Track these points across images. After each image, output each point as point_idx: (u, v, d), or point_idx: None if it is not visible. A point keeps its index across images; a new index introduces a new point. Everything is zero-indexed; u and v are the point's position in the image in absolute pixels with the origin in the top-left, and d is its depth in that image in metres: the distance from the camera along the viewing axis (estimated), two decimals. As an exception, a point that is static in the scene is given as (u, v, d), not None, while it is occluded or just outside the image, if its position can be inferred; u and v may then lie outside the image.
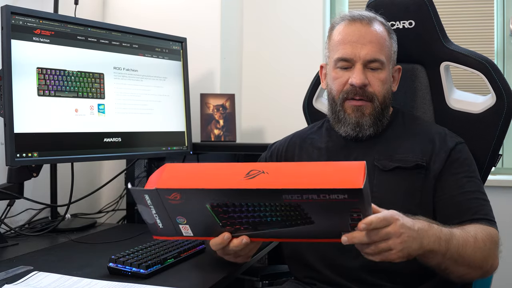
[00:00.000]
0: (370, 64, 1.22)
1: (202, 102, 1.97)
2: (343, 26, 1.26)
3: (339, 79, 1.25)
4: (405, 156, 1.21)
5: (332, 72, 1.27)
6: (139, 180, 1.93)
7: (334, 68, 1.26)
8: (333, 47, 1.27)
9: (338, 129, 1.28)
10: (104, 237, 1.56)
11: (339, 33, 1.26)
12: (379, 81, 1.23)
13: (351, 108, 1.24)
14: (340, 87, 1.25)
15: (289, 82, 2.25)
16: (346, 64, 1.24)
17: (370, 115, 1.24)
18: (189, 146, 1.83)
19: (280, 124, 2.22)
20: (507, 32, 2.11)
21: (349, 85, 1.23)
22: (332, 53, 1.28)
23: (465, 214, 1.14)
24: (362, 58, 1.22)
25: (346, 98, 1.24)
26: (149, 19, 2.04)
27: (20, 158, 1.37)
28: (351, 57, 1.22)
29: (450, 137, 1.25)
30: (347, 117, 1.25)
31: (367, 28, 1.23)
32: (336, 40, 1.26)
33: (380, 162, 1.22)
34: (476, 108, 1.36)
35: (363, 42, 1.22)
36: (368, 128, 1.24)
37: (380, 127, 1.26)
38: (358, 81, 1.21)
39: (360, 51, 1.22)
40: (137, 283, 1.09)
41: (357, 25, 1.24)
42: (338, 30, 1.27)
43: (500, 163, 2.16)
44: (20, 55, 1.38)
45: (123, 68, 1.64)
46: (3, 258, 1.30)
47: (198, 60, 2.01)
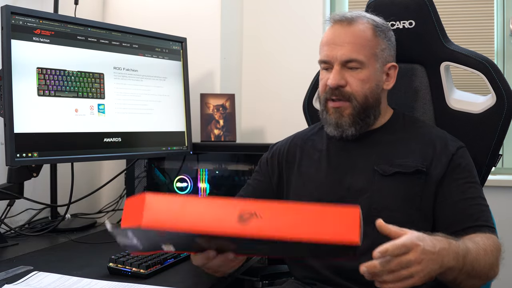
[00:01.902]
0: (348, 64, 1.22)
1: (202, 102, 1.97)
2: (327, 29, 1.28)
3: (323, 81, 1.27)
4: (405, 161, 1.21)
5: (320, 74, 1.30)
6: (139, 180, 1.93)
7: (321, 70, 1.29)
8: (319, 49, 1.30)
9: (326, 129, 1.29)
10: (104, 237, 1.56)
11: (324, 35, 1.29)
12: (358, 81, 1.22)
13: (331, 109, 1.25)
14: (323, 88, 1.27)
15: (289, 82, 2.25)
16: (326, 66, 1.25)
17: (349, 115, 1.23)
18: (189, 146, 1.83)
19: (280, 124, 2.22)
20: (507, 32, 2.11)
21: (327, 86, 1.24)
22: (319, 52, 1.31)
23: (467, 221, 1.14)
24: (339, 59, 1.22)
25: (327, 99, 1.26)
26: (149, 19, 2.04)
27: (20, 158, 1.37)
28: (329, 59, 1.24)
29: (451, 141, 1.24)
30: (328, 117, 1.26)
31: (346, 29, 1.24)
32: (321, 43, 1.29)
33: (380, 166, 1.21)
34: (476, 108, 1.36)
35: (340, 43, 1.23)
36: (349, 128, 1.24)
37: (365, 126, 1.26)
38: (332, 81, 1.22)
39: (337, 52, 1.22)
40: (137, 283, 1.09)
41: (336, 27, 1.25)
42: (325, 32, 1.30)
43: (500, 163, 2.15)
44: (20, 55, 1.38)
45: (123, 68, 1.64)
46: (3, 258, 1.30)
47: (198, 60, 2.01)
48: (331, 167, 1.27)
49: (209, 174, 1.86)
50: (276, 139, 1.46)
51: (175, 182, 1.88)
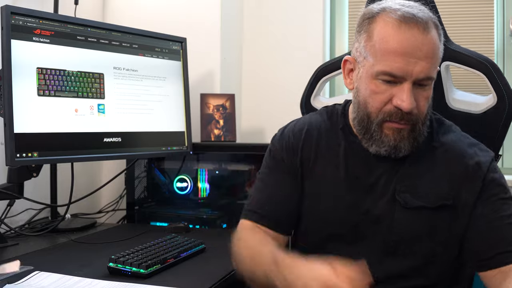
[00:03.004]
0: (421, 81, 1.03)
1: (202, 102, 1.97)
2: (393, 27, 1.02)
3: (379, 95, 1.04)
4: (431, 190, 1.07)
5: (370, 83, 1.05)
6: (139, 181, 1.93)
7: (373, 79, 1.04)
8: (377, 52, 1.03)
9: (366, 146, 1.10)
10: (104, 237, 1.56)
11: (387, 36, 1.02)
12: (425, 100, 1.06)
13: (391, 130, 1.06)
14: (381, 105, 1.05)
15: (290, 82, 2.25)
16: (391, 79, 1.02)
17: (409, 137, 1.06)
18: (189, 146, 1.83)
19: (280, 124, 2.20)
20: (507, 32, 2.11)
21: (393, 106, 1.03)
22: (373, 59, 1.04)
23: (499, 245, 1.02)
24: (415, 76, 1.01)
25: (386, 120, 1.05)
26: (149, 19, 2.04)
27: (20, 158, 1.37)
28: (402, 74, 1.01)
29: (483, 157, 1.10)
30: (384, 138, 1.06)
31: (423, 36, 1.01)
32: (383, 47, 1.02)
33: (401, 196, 1.07)
34: (477, 109, 1.35)
35: (419, 56, 1.00)
36: (406, 151, 1.07)
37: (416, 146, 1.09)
38: (408, 106, 1.01)
39: (414, 67, 1.00)
40: (137, 283, 1.09)
41: (413, 31, 1.01)
42: (385, 30, 1.03)
43: (500, 163, 2.16)
44: (20, 55, 1.38)
45: (123, 68, 1.64)
46: (3, 258, 1.30)
47: (198, 60, 2.01)
48: (349, 182, 1.11)
49: (209, 174, 1.86)
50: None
51: (175, 182, 1.88)
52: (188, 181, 1.86)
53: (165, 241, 1.37)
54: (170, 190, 1.89)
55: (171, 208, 1.88)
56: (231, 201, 1.82)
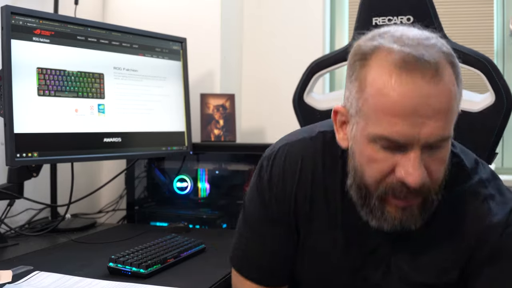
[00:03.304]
0: (432, 144, 0.78)
1: (202, 102, 1.97)
2: (390, 76, 0.76)
3: (378, 164, 0.80)
4: (432, 265, 0.89)
5: (365, 148, 0.81)
6: (139, 181, 1.93)
7: (370, 143, 0.80)
8: (370, 110, 0.79)
9: (365, 218, 0.87)
10: (104, 237, 1.56)
11: (383, 90, 0.76)
12: (439, 164, 0.82)
13: (395, 207, 0.83)
14: (381, 176, 0.81)
15: (290, 82, 2.24)
16: (393, 146, 0.78)
17: (421, 213, 0.84)
18: (189, 146, 1.83)
19: (280, 124, 2.21)
20: (507, 32, 2.11)
21: (397, 179, 0.80)
22: (367, 119, 0.80)
23: None
24: (424, 140, 0.76)
25: (388, 194, 0.82)
26: (149, 19, 2.04)
27: (20, 158, 1.37)
28: (404, 141, 0.77)
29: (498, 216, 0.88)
30: (388, 216, 0.84)
31: (434, 84, 0.75)
32: (378, 104, 0.77)
33: (399, 269, 0.90)
34: (475, 107, 1.35)
35: (427, 114, 0.75)
36: (415, 226, 0.85)
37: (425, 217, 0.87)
38: (416, 180, 0.77)
39: (421, 129, 0.75)
40: (137, 283, 1.09)
41: (417, 80, 0.75)
42: (379, 80, 0.77)
43: (500, 163, 2.16)
44: (20, 55, 1.38)
45: (123, 68, 1.64)
46: (3, 258, 1.30)
47: (198, 60, 2.01)
48: (348, 245, 0.94)
49: (209, 174, 1.86)
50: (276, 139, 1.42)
51: (175, 182, 1.88)
52: (188, 181, 1.86)
53: (165, 241, 1.37)
54: (170, 190, 1.89)
55: (171, 208, 1.88)
56: (231, 201, 1.82)
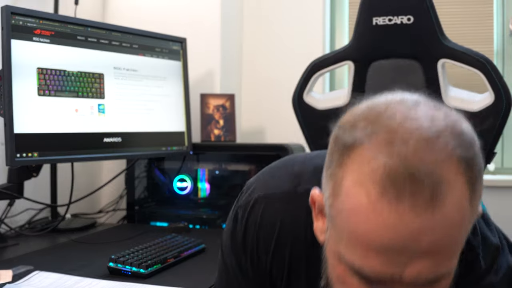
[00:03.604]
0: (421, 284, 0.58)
1: (202, 102, 1.97)
2: (370, 198, 0.55)
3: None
4: None
5: (336, 266, 0.63)
6: (139, 181, 1.93)
7: (340, 261, 0.62)
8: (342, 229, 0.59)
9: None
10: (104, 237, 1.56)
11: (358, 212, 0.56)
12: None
13: None
14: None
15: (290, 82, 2.24)
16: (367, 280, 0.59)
17: None
18: (189, 146, 1.83)
19: (280, 124, 2.22)
20: (507, 32, 2.11)
21: None
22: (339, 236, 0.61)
23: None
24: (408, 281, 0.57)
25: None
26: (149, 19, 2.04)
27: (20, 158, 1.37)
28: (384, 280, 0.57)
29: None
30: None
31: (429, 216, 0.54)
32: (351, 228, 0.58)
33: None
34: (474, 106, 1.35)
35: (415, 253, 0.55)
36: None
37: None
38: None
39: (404, 269, 0.56)
40: (137, 283, 1.09)
41: (404, 211, 0.53)
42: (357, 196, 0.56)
43: (500, 163, 2.17)
44: (20, 55, 1.38)
45: (123, 68, 1.64)
46: (3, 258, 1.30)
47: (198, 60, 2.01)
48: None
49: (209, 174, 1.86)
50: (276, 139, 1.43)
51: (175, 182, 1.88)
52: (188, 181, 1.87)
53: (165, 241, 1.37)
54: (170, 190, 1.89)
55: (171, 208, 1.88)
56: (231, 201, 1.80)
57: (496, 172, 2.18)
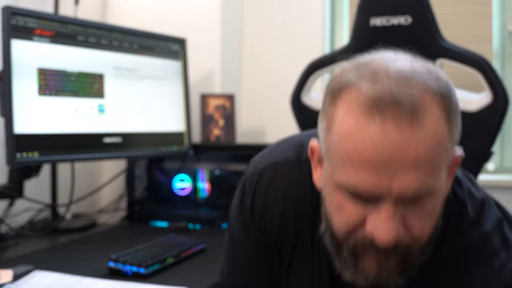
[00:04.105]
0: (409, 198, 0.65)
1: (202, 102, 1.97)
2: (358, 117, 0.64)
3: (347, 215, 0.69)
4: None
5: (334, 195, 0.70)
6: (139, 181, 1.93)
7: (339, 190, 0.69)
8: (335, 155, 0.68)
9: (339, 270, 0.75)
10: (104, 237, 1.56)
11: (348, 133, 0.65)
12: (425, 219, 0.68)
13: (370, 263, 0.70)
14: (349, 228, 0.70)
15: (289, 82, 2.24)
16: (363, 197, 0.67)
17: (400, 272, 0.71)
18: (189, 146, 1.83)
19: (280, 124, 2.22)
20: (506, 33, 2.12)
21: (367, 234, 0.68)
22: (332, 164, 0.69)
23: None
24: (396, 193, 0.64)
25: (359, 249, 0.70)
26: (149, 20, 2.04)
27: (21, 158, 1.37)
28: (374, 193, 0.65)
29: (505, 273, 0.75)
30: (361, 268, 0.71)
31: (410, 133, 0.62)
32: (342, 149, 0.66)
33: None
34: (472, 107, 1.36)
35: (401, 164, 0.63)
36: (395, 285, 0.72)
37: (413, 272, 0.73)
38: (386, 239, 0.65)
39: (392, 182, 0.63)
40: (137, 283, 1.09)
41: (388, 128, 0.62)
42: (346, 121, 0.66)
43: (500, 163, 2.17)
44: (21, 55, 1.38)
45: (123, 68, 1.65)
46: (3, 258, 1.30)
47: (198, 60, 2.01)
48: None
49: (209, 174, 1.86)
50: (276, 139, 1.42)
51: (175, 182, 1.88)
52: (188, 181, 1.87)
53: (165, 241, 1.37)
54: (170, 190, 1.89)
55: (171, 208, 1.88)
56: (231, 201, 1.82)
57: (496, 172, 2.18)
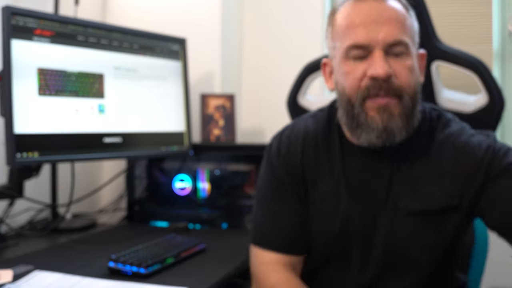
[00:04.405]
0: (392, 48, 0.96)
1: (202, 102, 1.97)
2: (350, 7, 1.00)
3: (353, 74, 0.97)
4: (434, 191, 0.99)
5: (343, 66, 0.99)
6: (139, 181, 1.93)
7: (345, 60, 0.98)
8: (340, 33, 1.00)
9: (357, 138, 1.00)
10: (104, 237, 1.56)
11: (346, 16, 0.99)
12: (406, 69, 0.96)
13: (375, 108, 0.96)
14: (356, 83, 0.97)
15: (289, 82, 2.24)
16: (361, 53, 0.97)
17: (400, 115, 0.96)
18: (189, 146, 1.83)
19: (280, 124, 2.21)
20: (506, 33, 2.12)
21: (368, 79, 0.95)
22: (340, 42, 1.00)
23: None
24: (382, 41, 0.94)
25: (366, 96, 0.96)
26: (149, 20, 2.05)
27: (21, 158, 1.37)
28: (367, 42, 0.95)
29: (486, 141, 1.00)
30: (370, 121, 0.96)
31: (382, 4, 0.97)
32: (343, 25, 0.99)
33: (402, 200, 0.99)
34: (468, 108, 1.37)
35: (381, 22, 0.95)
36: (399, 133, 0.97)
37: (411, 129, 0.99)
38: (382, 71, 0.93)
39: (378, 33, 0.94)
40: (137, 283, 1.09)
41: (370, 2, 0.98)
42: (343, 12, 1.01)
43: (499, 163, 2.17)
44: (21, 55, 1.39)
45: (123, 68, 1.65)
46: (3, 258, 1.30)
47: (198, 60, 2.01)
48: (349, 194, 1.04)
49: (209, 174, 1.86)
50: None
51: (175, 182, 1.88)
52: (188, 181, 1.87)
53: (165, 241, 1.37)
54: (170, 190, 1.89)
55: (171, 208, 1.88)
56: (231, 201, 1.82)
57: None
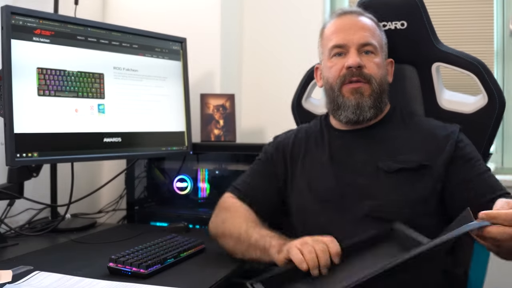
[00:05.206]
0: (364, 47, 1.27)
1: (202, 102, 1.97)
2: (334, 20, 1.33)
3: (334, 67, 1.29)
4: (409, 157, 1.22)
5: (328, 63, 1.31)
6: (139, 181, 1.93)
7: (329, 58, 1.31)
8: (326, 40, 1.33)
9: (338, 117, 1.31)
10: (104, 237, 1.56)
11: (330, 26, 1.33)
12: (374, 64, 1.27)
13: (350, 90, 1.27)
14: (337, 73, 1.28)
15: (289, 82, 2.24)
16: (340, 50, 1.29)
17: (369, 96, 1.26)
18: (189, 146, 1.83)
19: (280, 124, 2.21)
20: (507, 32, 2.11)
21: (345, 69, 1.27)
22: (326, 46, 1.33)
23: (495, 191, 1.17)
24: (356, 42, 1.27)
25: (343, 82, 1.27)
26: (149, 19, 2.04)
27: (20, 158, 1.37)
28: (345, 43, 1.28)
29: (451, 127, 1.26)
30: (346, 100, 1.27)
31: (357, 18, 1.31)
32: (329, 33, 1.32)
33: (383, 163, 1.23)
34: (468, 109, 1.37)
35: (355, 29, 1.28)
36: (369, 110, 1.26)
37: (380, 111, 1.30)
38: (354, 62, 1.25)
39: (353, 36, 1.27)
40: (137, 283, 1.09)
41: (347, 17, 1.32)
42: (329, 25, 1.34)
43: (500, 163, 2.16)
44: (20, 55, 1.38)
45: (123, 68, 1.64)
46: (3, 258, 1.30)
47: (198, 60, 2.01)
48: (334, 164, 1.28)
49: (209, 174, 1.86)
50: (276, 139, 1.44)
51: (175, 182, 1.88)
52: (188, 181, 1.87)
53: (165, 241, 1.37)
54: (170, 190, 1.89)
55: (171, 208, 1.88)
56: (231, 201, 1.82)
57: (496, 172, 2.17)
